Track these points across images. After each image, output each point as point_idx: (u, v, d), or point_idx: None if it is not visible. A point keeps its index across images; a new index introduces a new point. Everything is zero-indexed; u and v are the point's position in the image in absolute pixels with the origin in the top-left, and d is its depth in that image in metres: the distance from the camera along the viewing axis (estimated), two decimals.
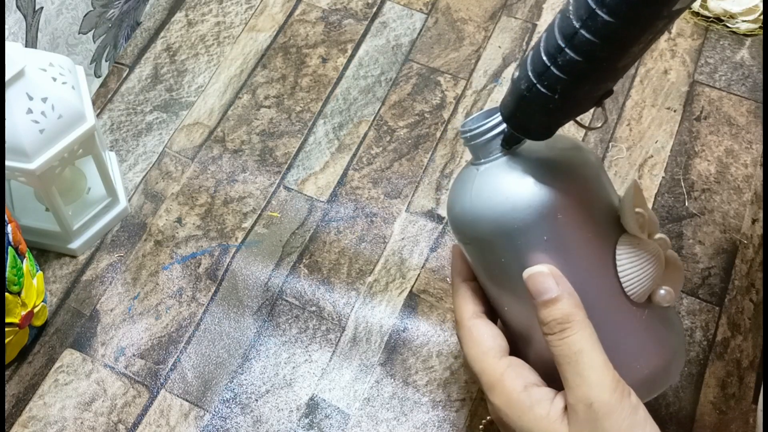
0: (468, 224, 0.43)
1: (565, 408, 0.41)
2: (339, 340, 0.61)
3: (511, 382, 0.43)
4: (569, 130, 0.71)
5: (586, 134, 0.70)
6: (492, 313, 0.48)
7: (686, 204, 0.67)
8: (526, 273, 0.41)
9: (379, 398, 0.59)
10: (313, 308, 0.62)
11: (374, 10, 0.78)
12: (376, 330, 0.61)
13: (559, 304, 0.41)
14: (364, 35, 0.76)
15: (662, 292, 0.44)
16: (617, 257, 0.42)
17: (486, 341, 0.45)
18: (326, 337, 0.61)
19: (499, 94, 0.73)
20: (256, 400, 0.59)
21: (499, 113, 0.42)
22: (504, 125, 0.42)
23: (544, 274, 0.41)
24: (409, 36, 0.76)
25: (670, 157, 0.70)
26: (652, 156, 0.70)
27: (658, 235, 0.45)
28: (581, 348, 0.40)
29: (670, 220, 0.67)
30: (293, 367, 0.60)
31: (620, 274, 0.42)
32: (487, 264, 0.44)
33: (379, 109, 0.72)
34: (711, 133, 0.71)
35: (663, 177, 0.69)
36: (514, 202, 0.41)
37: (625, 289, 0.42)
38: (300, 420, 0.58)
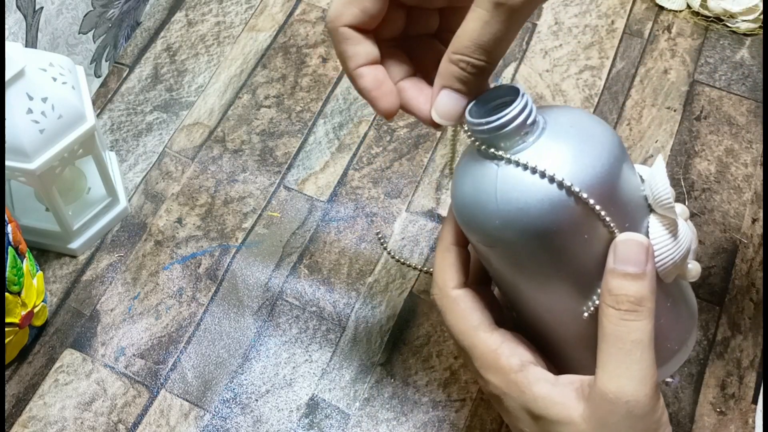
0: (496, 229, 0.38)
1: (570, 388, 0.39)
2: (339, 340, 0.61)
3: (507, 360, 0.41)
4: None
5: None
6: (479, 281, 0.45)
7: (686, 203, 0.67)
8: (624, 236, 0.38)
9: (379, 398, 0.59)
10: (314, 308, 0.62)
11: None
12: (376, 330, 0.61)
13: (642, 282, 0.37)
14: None
15: (690, 266, 0.41)
16: (651, 240, 0.39)
17: (475, 314, 0.42)
18: (326, 337, 0.61)
19: None
20: (256, 400, 0.59)
21: (515, 93, 0.38)
22: (532, 111, 0.38)
23: (641, 245, 0.38)
24: None
25: (670, 156, 0.70)
26: (652, 155, 0.70)
27: (680, 206, 0.42)
28: (640, 339, 0.37)
29: None
30: (293, 367, 0.60)
31: (655, 256, 0.39)
32: (514, 263, 0.40)
33: None
34: (711, 132, 0.71)
35: None
36: (551, 203, 0.37)
37: (659, 270, 0.39)
38: (300, 420, 0.58)
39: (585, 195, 0.36)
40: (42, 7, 0.62)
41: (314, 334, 0.61)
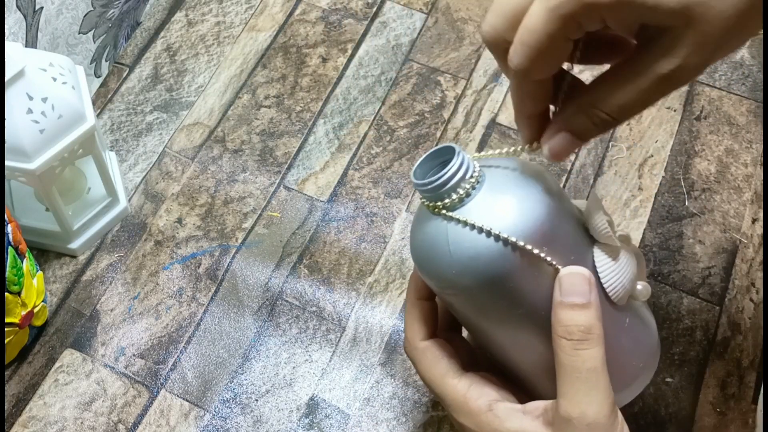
0: (453, 277, 0.41)
1: (536, 414, 0.42)
2: (339, 340, 0.61)
3: (475, 402, 0.43)
4: None
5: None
6: (450, 328, 0.48)
7: (686, 203, 0.67)
8: (567, 270, 0.40)
9: (379, 398, 0.59)
10: (314, 308, 0.62)
11: (374, 9, 0.78)
12: (376, 330, 0.61)
13: (588, 311, 0.40)
14: (364, 35, 0.76)
15: (639, 287, 0.44)
16: (597, 269, 0.42)
17: (442, 363, 0.45)
18: (326, 338, 0.61)
19: (498, 94, 0.73)
20: (256, 400, 0.59)
21: (454, 153, 0.40)
22: (468, 168, 0.40)
23: (583, 277, 0.40)
24: (409, 36, 0.76)
25: (670, 156, 0.70)
26: (652, 155, 0.70)
27: (619, 233, 0.44)
28: (594, 366, 0.40)
29: (670, 220, 0.67)
30: (293, 367, 0.60)
31: (604, 284, 0.42)
32: (475, 307, 0.43)
33: (379, 109, 0.72)
34: (711, 132, 0.71)
35: (663, 177, 0.69)
36: (498, 252, 0.39)
37: (610, 296, 0.42)
38: (300, 420, 0.58)
39: (522, 243, 0.39)
40: (42, 7, 0.62)
41: (314, 334, 0.61)
